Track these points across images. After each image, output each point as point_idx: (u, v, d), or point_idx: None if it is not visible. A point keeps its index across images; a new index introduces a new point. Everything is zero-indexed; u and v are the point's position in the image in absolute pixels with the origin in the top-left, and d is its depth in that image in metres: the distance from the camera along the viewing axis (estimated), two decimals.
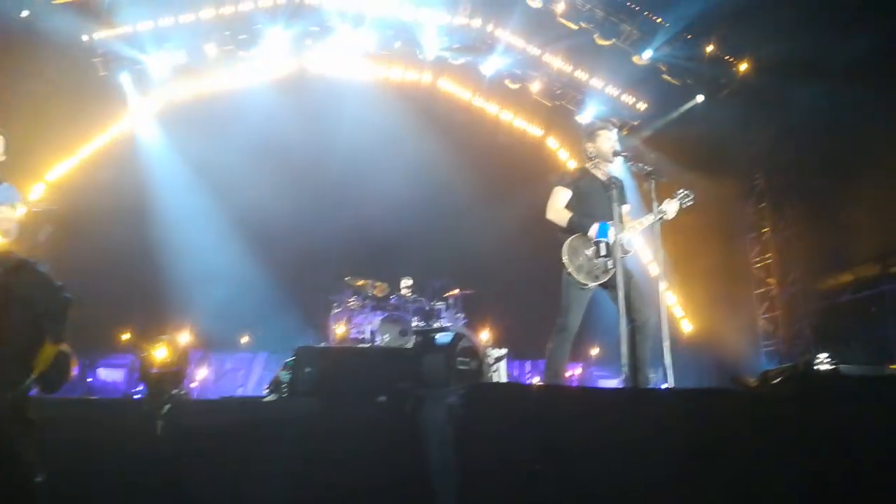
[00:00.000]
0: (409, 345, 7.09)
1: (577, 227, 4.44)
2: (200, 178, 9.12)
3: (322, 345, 7.82)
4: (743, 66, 9.31)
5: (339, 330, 7.96)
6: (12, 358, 2.32)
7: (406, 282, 8.70)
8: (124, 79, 8.80)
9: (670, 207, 4.51)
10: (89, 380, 7.45)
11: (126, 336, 7.75)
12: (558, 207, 4.58)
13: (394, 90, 9.83)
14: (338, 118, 9.57)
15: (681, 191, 4.61)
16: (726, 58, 9.36)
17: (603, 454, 2.54)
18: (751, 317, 9.83)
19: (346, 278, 8.34)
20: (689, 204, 4.60)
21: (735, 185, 9.83)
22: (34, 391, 2.55)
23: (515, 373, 9.29)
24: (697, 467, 2.52)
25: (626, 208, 4.65)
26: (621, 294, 4.16)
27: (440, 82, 10.19)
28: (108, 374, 7.54)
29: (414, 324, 7.91)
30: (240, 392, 8.40)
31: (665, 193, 4.55)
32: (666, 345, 4.17)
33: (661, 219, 4.45)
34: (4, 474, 2.15)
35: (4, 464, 2.16)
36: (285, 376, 3.67)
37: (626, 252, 4.38)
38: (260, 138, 8.93)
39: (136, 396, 6.32)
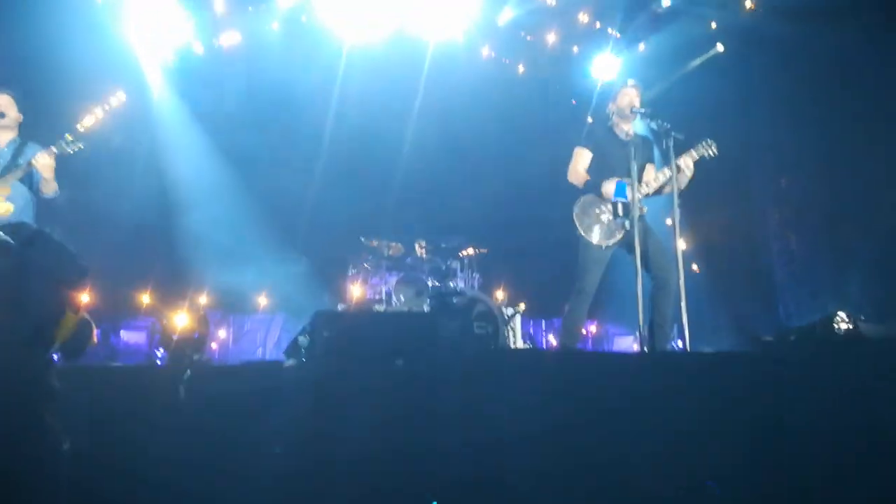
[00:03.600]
0: (425, 306, 7.12)
1: (594, 189, 4.40)
2: (212, 136, 9.09)
3: (339, 307, 7.87)
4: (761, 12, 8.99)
5: (356, 291, 8.00)
6: (34, 328, 2.35)
7: (420, 242, 8.69)
8: (133, 33, 8.65)
9: (688, 160, 4.43)
10: (112, 343, 7.57)
11: (146, 299, 7.84)
12: (578, 170, 4.54)
13: (407, 41, 9.63)
14: (349, 70, 9.44)
15: (701, 143, 4.52)
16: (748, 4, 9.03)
17: (618, 420, 2.55)
18: (768, 271, 9.74)
19: (361, 238, 8.34)
20: (711, 152, 4.50)
21: (753, 136, 9.62)
22: (57, 360, 2.60)
23: (531, 331, 9.33)
24: (715, 431, 2.52)
25: (650, 167, 4.57)
26: (638, 253, 4.12)
27: (454, 32, 9.95)
28: (130, 337, 7.66)
29: (429, 284, 7.93)
30: (259, 353, 8.52)
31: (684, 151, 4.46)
32: (683, 304, 4.14)
33: (678, 173, 4.36)
34: (33, 442, 2.19)
35: (32, 432, 2.20)
36: (303, 341, 3.71)
37: (642, 211, 4.32)
38: (272, 93, 8.82)
39: (157, 360, 6.43)
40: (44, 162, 4.83)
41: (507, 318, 6.86)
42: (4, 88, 4.97)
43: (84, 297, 2.53)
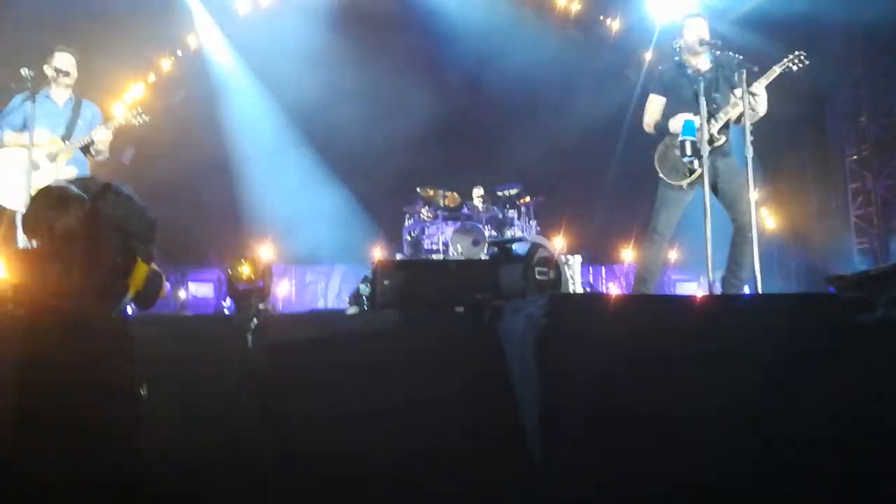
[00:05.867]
0: (483, 255, 7.09)
1: (666, 131, 4.23)
2: (270, 92, 9.15)
3: (398, 257, 7.93)
4: None
5: (413, 241, 8.03)
6: (109, 279, 2.41)
7: (477, 191, 8.62)
8: None
9: (760, 87, 4.16)
10: (181, 294, 7.86)
11: (212, 251, 8.08)
12: (649, 120, 4.39)
13: None
14: (402, 17, 9.29)
15: (789, 56, 4.17)
16: None
17: (687, 367, 2.47)
18: (843, 213, 9.27)
19: (417, 189, 8.32)
20: (798, 64, 4.14)
21: (829, 71, 9.03)
22: (131, 309, 2.68)
23: (590, 278, 9.22)
24: (792, 381, 2.42)
25: (731, 97, 4.29)
26: (706, 192, 3.95)
27: None
28: (198, 289, 7.93)
29: (487, 233, 7.88)
30: (321, 303, 8.71)
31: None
32: (755, 247, 3.97)
33: (752, 103, 4.09)
34: (113, 388, 2.27)
35: (113, 379, 2.29)
36: (365, 289, 3.74)
37: (721, 143, 4.11)
38: (325, 46, 8.78)
39: (225, 311, 6.63)
40: (103, 137, 4.93)
41: (567, 268, 6.78)
42: (67, 47, 5.03)
43: (154, 248, 2.59)
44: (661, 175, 4.19)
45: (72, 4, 6.45)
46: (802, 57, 4.14)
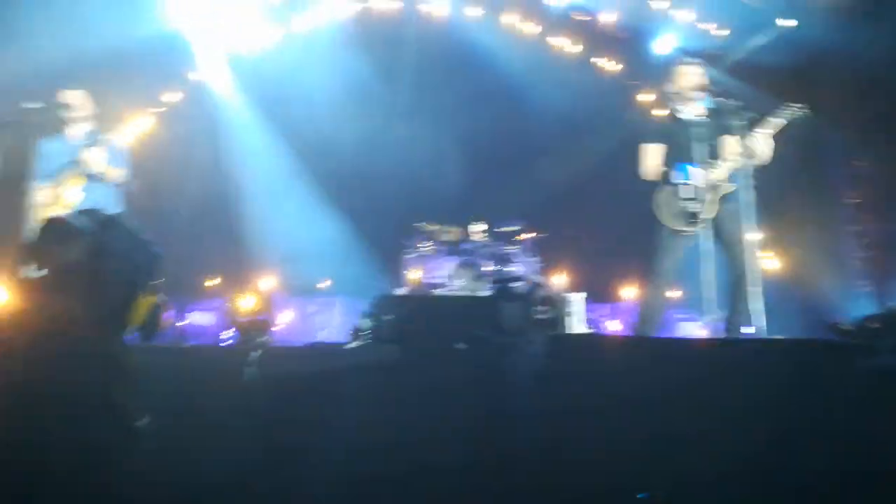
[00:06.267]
0: (484, 290, 7.10)
1: (665, 178, 4.29)
2: (274, 126, 9.27)
3: (400, 290, 7.93)
4: None
5: (415, 275, 8.04)
6: (111, 311, 2.43)
7: (479, 226, 8.66)
8: (191, 32, 8.85)
9: (760, 137, 4.20)
10: (183, 323, 7.84)
11: (215, 282, 8.09)
12: (648, 166, 4.42)
13: (462, 26, 9.56)
14: (404, 56, 9.44)
15: (791, 106, 4.23)
16: None
17: (687, 407, 2.47)
18: (844, 255, 9.29)
19: (420, 223, 8.36)
20: (796, 114, 4.20)
21: (828, 113, 9.15)
22: (132, 341, 2.69)
23: (592, 315, 9.19)
24: (790, 423, 2.41)
25: (729, 140, 4.34)
26: (706, 235, 3.99)
27: (504, 18, 9.84)
28: (200, 318, 7.91)
29: (488, 269, 7.89)
30: (323, 334, 8.68)
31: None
32: (758, 289, 3.99)
33: (750, 150, 4.15)
34: (112, 420, 2.28)
35: (111, 410, 2.29)
36: (366, 324, 3.75)
37: (713, 190, 4.15)
38: (328, 81, 8.91)
39: (226, 341, 6.61)
40: (92, 157, 4.89)
41: (568, 306, 6.78)
42: (76, 87, 5.14)
43: (157, 281, 2.61)
44: (661, 220, 4.22)
45: (79, 43, 6.59)
46: (801, 108, 4.21)
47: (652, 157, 4.41)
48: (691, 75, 4.42)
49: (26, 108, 4.74)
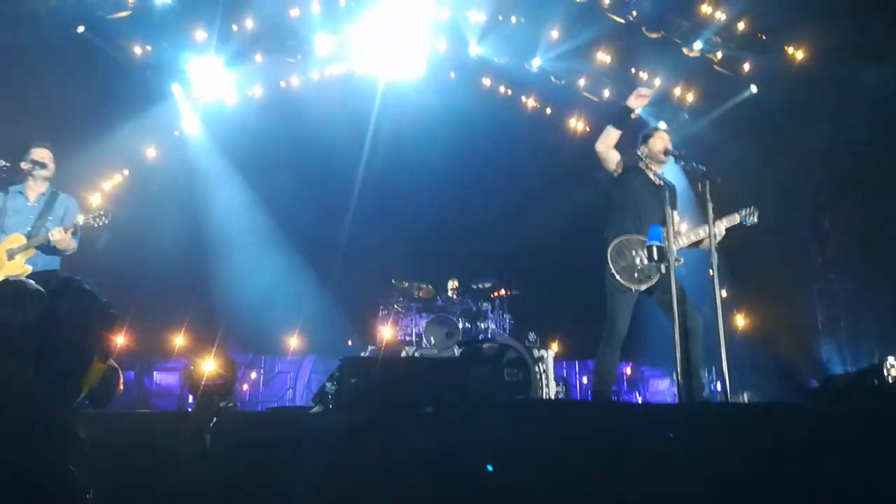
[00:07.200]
0: (455, 349, 7.05)
1: (626, 231, 4.35)
2: (247, 181, 9.28)
3: (369, 349, 7.85)
4: (799, 55, 8.88)
5: (386, 333, 7.97)
6: (62, 377, 2.35)
7: (452, 283, 8.66)
8: (175, 88, 8.94)
9: (723, 225, 4.44)
10: (146, 384, 7.65)
11: (179, 341, 7.93)
12: (605, 144, 4.48)
13: (438, 89, 9.76)
14: (381, 118, 9.59)
15: (744, 209, 4.51)
16: (783, 46, 8.94)
17: (658, 474, 2.44)
18: (811, 313, 9.43)
19: (392, 280, 8.35)
20: (752, 220, 4.49)
21: (792, 178, 9.43)
22: (84, 408, 2.59)
23: (564, 373, 9.16)
24: (758, 487, 2.39)
25: (675, 215, 4.51)
26: (675, 299, 4.02)
27: (483, 80, 10.09)
28: (164, 378, 7.74)
29: (460, 325, 7.86)
30: (289, 395, 8.51)
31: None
32: (722, 350, 4.01)
33: (714, 234, 4.29)
34: (58, 493, 2.17)
35: (58, 482, 2.19)
36: (331, 387, 3.67)
37: (677, 261, 4.23)
38: (305, 140, 9.00)
39: (188, 403, 6.44)
40: (58, 237, 4.83)
41: (537, 360, 6.75)
42: (46, 143, 5.12)
43: (113, 345, 2.54)
44: (613, 272, 4.24)
45: (57, 97, 6.62)
46: (755, 214, 4.46)
47: (613, 139, 4.50)
48: (661, 140, 4.57)
49: None
